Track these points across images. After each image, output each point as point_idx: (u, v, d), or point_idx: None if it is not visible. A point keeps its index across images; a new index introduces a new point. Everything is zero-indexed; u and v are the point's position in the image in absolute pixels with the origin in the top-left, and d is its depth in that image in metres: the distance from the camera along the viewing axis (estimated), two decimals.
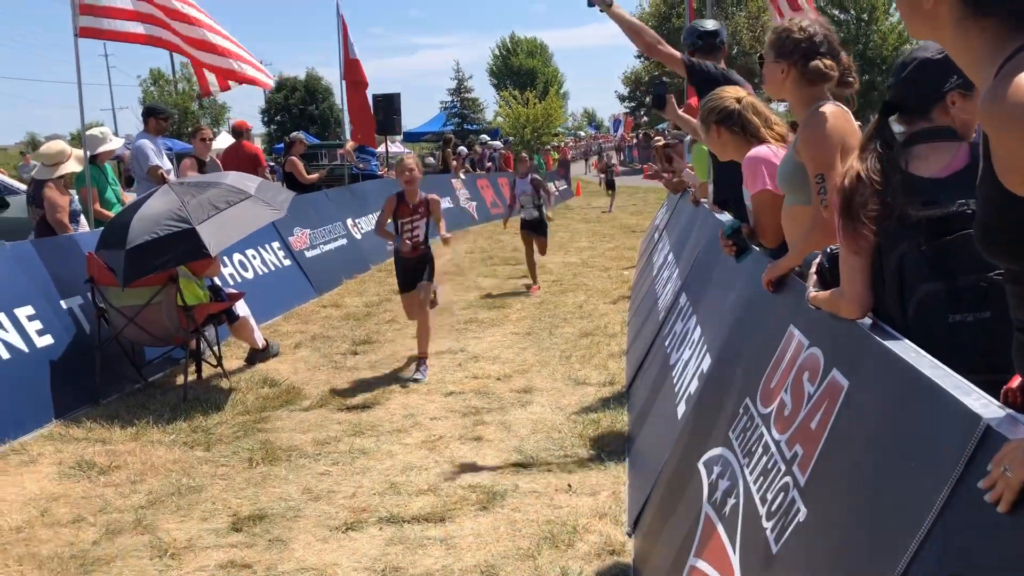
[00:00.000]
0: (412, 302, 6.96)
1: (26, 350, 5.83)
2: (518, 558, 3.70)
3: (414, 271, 6.94)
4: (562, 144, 44.42)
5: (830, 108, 2.96)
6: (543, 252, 10.92)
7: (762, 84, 3.27)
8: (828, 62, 3.00)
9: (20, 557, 3.84)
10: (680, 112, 5.88)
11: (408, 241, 6.90)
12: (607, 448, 4.94)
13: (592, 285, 10.70)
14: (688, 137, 7.33)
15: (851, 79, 3.06)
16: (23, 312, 5.99)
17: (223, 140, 11.47)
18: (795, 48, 2.99)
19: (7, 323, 5.82)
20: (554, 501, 4.28)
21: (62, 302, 6.39)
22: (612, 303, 9.43)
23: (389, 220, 6.96)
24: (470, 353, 7.36)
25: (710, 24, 6.09)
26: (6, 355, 5.65)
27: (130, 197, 8.87)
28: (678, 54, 5.31)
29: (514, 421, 5.55)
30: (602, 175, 25.72)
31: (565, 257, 13.47)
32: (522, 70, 64.77)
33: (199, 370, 6.71)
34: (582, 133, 73.52)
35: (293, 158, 13.20)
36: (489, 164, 24.81)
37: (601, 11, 5.11)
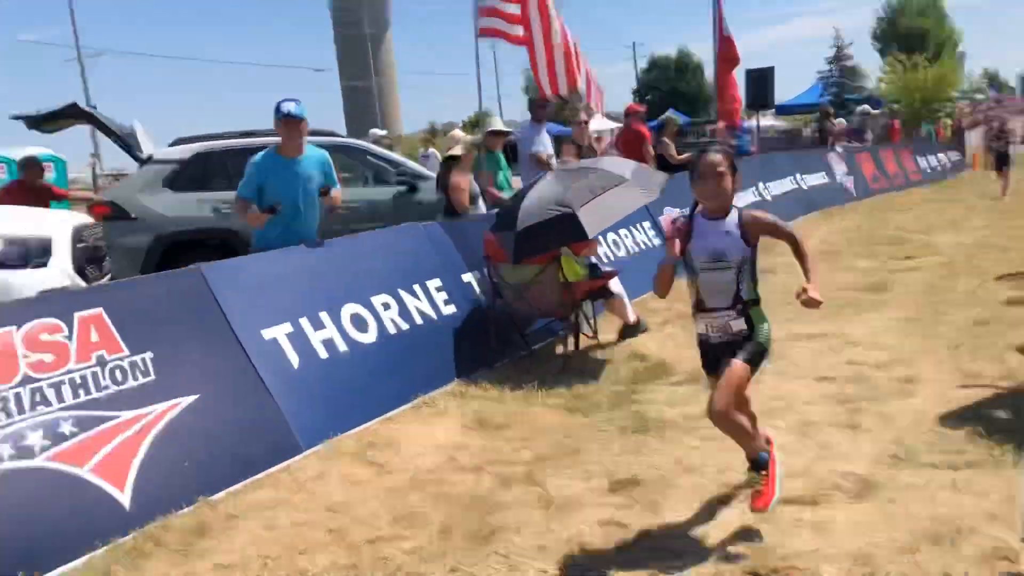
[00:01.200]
0: None
1: (435, 317, 6.71)
2: (894, 551, 3.58)
3: None
4: (956, 112, 40.07)
5: None
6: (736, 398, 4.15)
7: None
8: None
9: (435, 496, 4.50)
10: None
11: None
12: (999, 448, 4.53)
13: (988, 268, 9.66)
14: None
15: None
16: (433, 284, 6.89)
17: (598, 123, 12.10)
18: None
19: (420, 293, 6.74)
20: (936, 498, 4.05)
21: (463, 276, 7.24)
22: (1013, 290, 8.48)
23: None
24: (847, 338, 7.06)
25: None
26: (419, 320, 6.55)
27: (516, 180, 9.72)
28: None
29: (893, 412, 5.28)
30: (992, 149, 18.24)
31: (957, 236, 12.29)
32: (911, 32, 59.28)
33: (576, 342, 7.22)
34: (980, 96, 65.70)
35: (665, 139, 13.46)
36: (868, 136, 23.22)
37: None
